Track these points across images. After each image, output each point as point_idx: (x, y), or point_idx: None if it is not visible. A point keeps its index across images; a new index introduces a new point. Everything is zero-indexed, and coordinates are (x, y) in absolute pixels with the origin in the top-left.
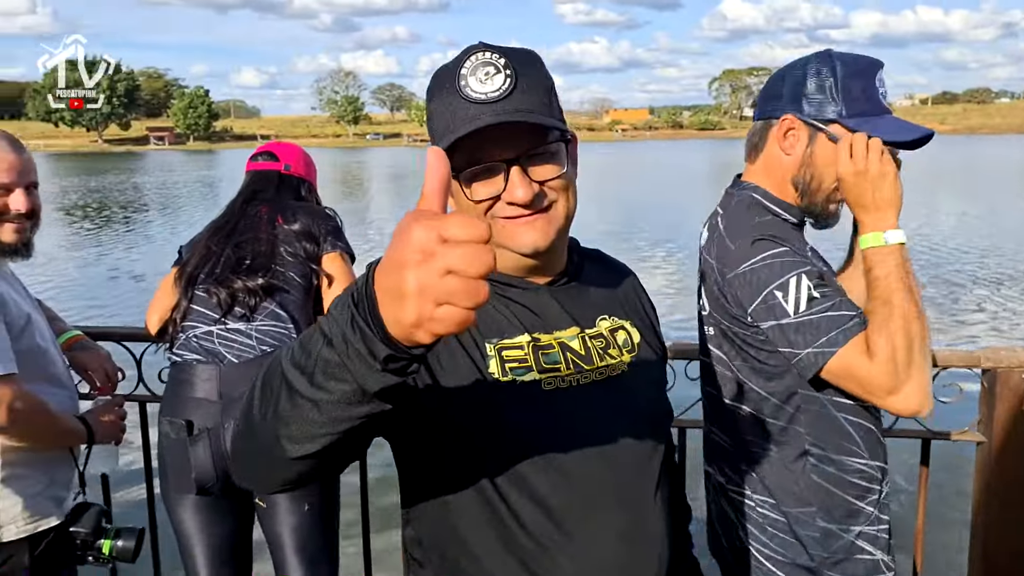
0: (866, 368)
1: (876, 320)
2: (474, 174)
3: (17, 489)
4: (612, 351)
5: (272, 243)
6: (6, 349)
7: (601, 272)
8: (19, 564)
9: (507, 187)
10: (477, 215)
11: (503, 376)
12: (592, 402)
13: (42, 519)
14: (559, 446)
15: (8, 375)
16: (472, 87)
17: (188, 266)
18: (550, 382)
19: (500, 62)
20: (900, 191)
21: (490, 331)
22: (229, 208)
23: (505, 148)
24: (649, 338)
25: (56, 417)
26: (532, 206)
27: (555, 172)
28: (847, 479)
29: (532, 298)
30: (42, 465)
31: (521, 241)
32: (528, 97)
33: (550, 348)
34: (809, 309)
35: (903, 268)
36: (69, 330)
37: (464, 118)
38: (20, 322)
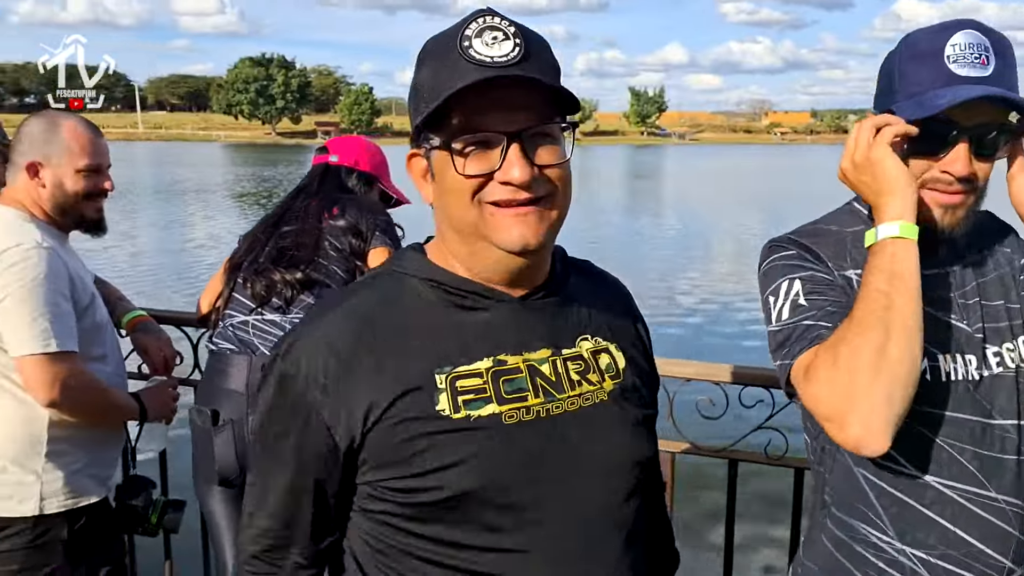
0: (804, 387)
1: (835, 333)
2: (468, 143)
3: (59, 465)
4: (592, 376)
5: (317, 236)
6: (71, 327)
7: (588, 286)
8: (57, 537)
9: (503, 164)
10: (464, 195)
11: (455, 412)
12: (561, 437)
13: (82, 496)
14: (520, 491)
15: (68, 352)
16: (477, 48)
17: (235, 255)
18: (512, 415)
19: (509, 29)
20: (896, 175)
21: (443, 357)
22: (282, 201)
23: (506, 120)
24: (638, 363)
25: (110, 393)
26: (528, 191)
27: (558, 157)
28: (858, 551)
29: (502, 313)
30: (85, 444)
31: (509, 235)
32: (539, 67)
33: (516, 373)
34: (792, 316)
35: (885, 270)
36: (134, 310)
37: (466, 77)
38: (85, 300)
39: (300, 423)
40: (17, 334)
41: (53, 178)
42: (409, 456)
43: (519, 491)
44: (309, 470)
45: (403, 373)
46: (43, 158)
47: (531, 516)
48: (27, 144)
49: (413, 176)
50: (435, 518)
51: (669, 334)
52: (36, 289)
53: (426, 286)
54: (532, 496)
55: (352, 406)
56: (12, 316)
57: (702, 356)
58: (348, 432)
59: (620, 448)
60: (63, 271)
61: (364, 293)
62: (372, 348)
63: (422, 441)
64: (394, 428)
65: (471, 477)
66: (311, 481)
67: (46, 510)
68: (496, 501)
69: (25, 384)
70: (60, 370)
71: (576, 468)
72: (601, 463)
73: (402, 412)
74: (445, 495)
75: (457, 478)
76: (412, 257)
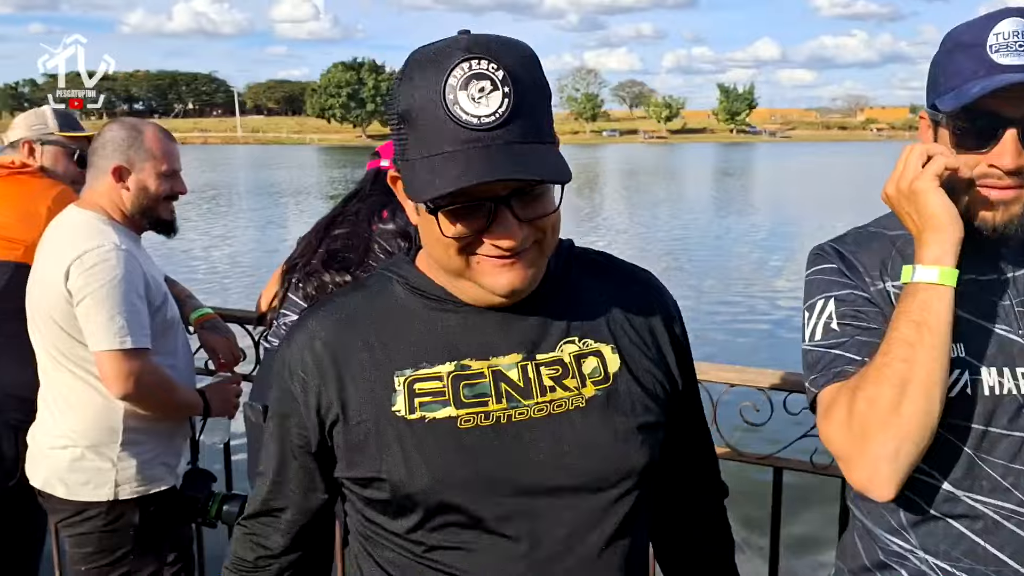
0: (821, 423)
1: (858, 376)
2: (455, 209)
3: (133, 454)
4: (569, 381)
5: (367, 239)
6: (145, 325)
7: (594, 282)
8: (129, 522)
9: (491, 227)
10: (450, 248)
11: (410, 413)
12: (523, 444)
13: (153, 483)
14: (473, 498)
15: (142, 349)
16: (463, 106)
17: (291, 258)
18: (469, 419)
19: (498, 75)
20: (939, 211)
21: (404, 360)
22: (336, 205)
23: (494, 187)
24: (644, 367)
25: (178, 390)
26: (518, 246)
27: (546, 209)
28: (882, 559)
29: (473, 317)
30: (157, 434)
31: (497, 282)
32: (528, 122)
33: (479, 378)
34: (823, 339)
35: (914, 318)
36: (201, 308)
37: (453, 142)
38: (158, 300)
39: (287, 413)
40: (96, 331)
41: (137, 182)
42: (364, 454)
43: (472, 496)
44: (297, 458)
45: (366, 373)
46: (128, 163)
47: (485, 522)
48: (111, 149)
49: (398, 195)
50: (393, 515)
51: (749, 339)
52: (114, 289)
53: (406, 290)
54: (486, 502)
55: (322, 402)
56: (92, 314)
57: (782, 363)
58: (319, 427)
59: (594, 456)
60: (139, 272)
61: (353, 294)
62: (346, 347)
63: (375, 440)
64: (354, 427)
65: (419, 478)
66: (300, 472)
67: (120, 496)
68: (448, 503)
69: (102, 377)
70: (134, 365)
71: (538, 475)
72: (571, 472)
73: (360, 411)
74: (396, 494)
75: (407, 477)
76: (402, 262)
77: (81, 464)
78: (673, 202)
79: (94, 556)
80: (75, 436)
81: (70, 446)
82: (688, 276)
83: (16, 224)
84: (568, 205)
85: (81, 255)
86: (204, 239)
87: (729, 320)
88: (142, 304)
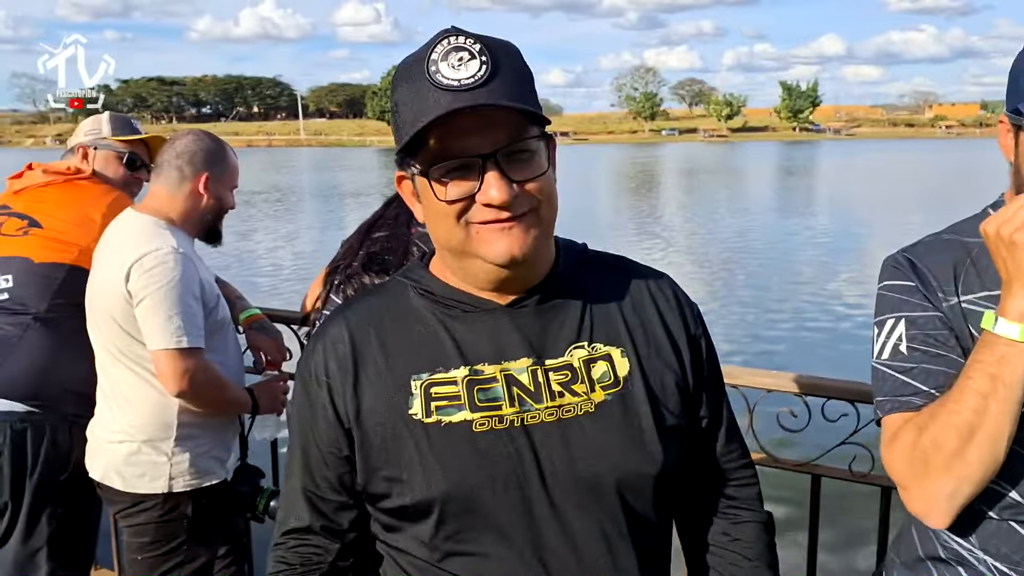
0: (885, 449)
1: (926, 411)
2: (446, 170)
3: (187, 448)
4: (577, 387)
5: (405, 242)
6: (199, 326)
7: (606, 285)
8: (183, 513)
9: (481, 186)
10: (449, 218)
11: (426, 416)
12: (535, 445)
13: (205, 476)
14: (488, 502)
15: (197, 348)
16: (443, 72)
17: (334, 260)
18: (484, 422)
19: (475, 47)
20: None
21: (420, 365)
22: (380, 208)
23: (480, 142)
24: (655, 371)
25: (229, 387)
26: (510, 209)
27: (535, 171)
28: (941, 556)
29: (483, 322)
30: (209, 429)
31: (495, 250)
32: (506, 86)
33: (492, 382)
34: (892, 360)
35: (989, 371)
36: (250, 309)
37: (434, 105)
38: (212, 301)
39: (315, 419)
40: (154, 330)
41: (217, 193)
42: (382, 459)
43: (486, 499)
44: (329, 466)
45: (384, 378)
46: (215, 174)
47: (499, 527)
48: (201, 159)
49: (404, 197)
50: (410, 520)
51: (805, 344)
52: (172, 291)
53: (419, 295)
54: (501, 505)
55: (345, 406)
56: (150, 314)
57: (842, 370)
58: (345, 431)
59: (605, 461)
60: (194, 274)
61: (369, 300)
62: (363, 353)
63: (393, 444)
64: (372, 431)
65: (436, 481)
66: (332, 478)
67: (174, 488)
68: (463, 507)
69: (158, 375)
70: (189, 364)
71: (549, 479)
72: (578, 476)
73: (378, 416)
74: (413, 497)
75: (423, 480)
76: (416, 267)
77: (137, 458)
78: (733, 202)
79: (150, 546)
80: (132, 431)
81: (127, 440)
82: (749, 279)
83: (72, 229)
84: (625, 204)
85: (141, 257)
86: (268, 240)
87: (793, 327)
88: (197, 305)
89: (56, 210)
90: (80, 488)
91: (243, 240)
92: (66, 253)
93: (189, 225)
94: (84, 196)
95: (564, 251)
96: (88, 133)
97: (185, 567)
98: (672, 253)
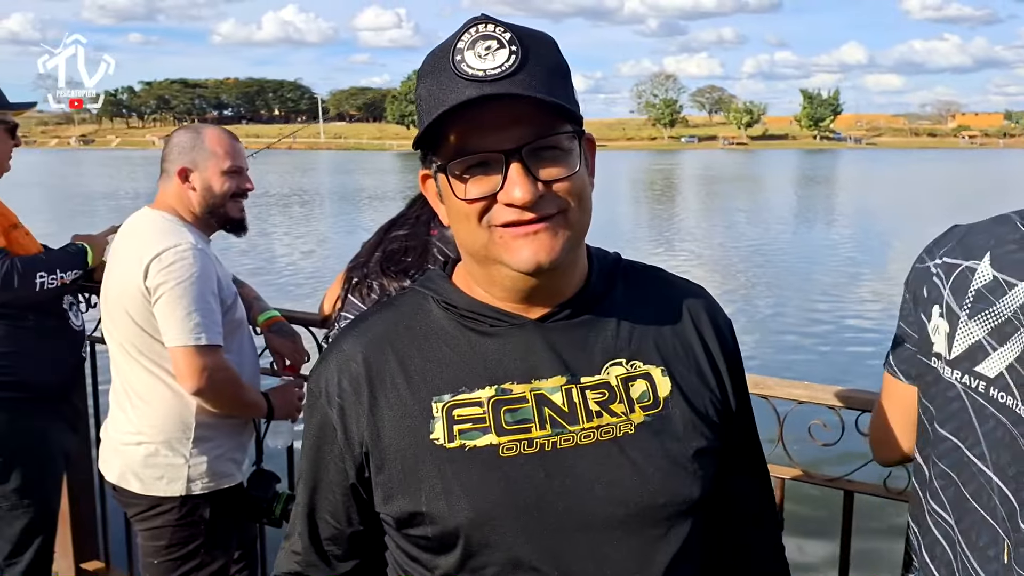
0: None
1: None
2: (466, 166)
3: (204, 450)
4: (616, 407)
5: (424, 243)
6: (218, 323)
7: (643, 299)
8: (201, 516)
9: (504, 185)
10: (470, 219)
11: (449, 441)
12: (567, 473)
13: (223, 479)
14: (516, 532)
15: (216, 346)
16: (468, 62)
17: (353, 258)
18: (512, 447)
19: (504, 36)
20: None
21: (442, 385)
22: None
23: (504, 137)
24: (696, 390)
25: (245, 389)
26: (535, 210)
27: (565, 171)
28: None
29: (512, 337)
30: (227, 431)
31: (519, 256)
32: (536, 78)
33: (521, 402)
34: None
35: None
36: (268, 310)
37: (455, 96)
38: (229, 300)
39: (325, 443)
40: (173, 326)
41: (202, 181)
42: (404, 485)
43: (515, 530)
44: (334, 491)
45: (403, 400)
46: (191, 164)
47: (529, 559)
48: (176, 153)
49: (428, 197)
50: (435, 552)
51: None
52: (191, 287)
53: (440, 308)
54: (530, 535)
55: (360, 430)
56: (169, 310)
57: (868, 382)
58: (357, 456)
59: (646, 487)
60: (213, 271)
61: (385, 313)
62: (380, 372)
63: (415, 470)
64: (392, 456)
65: (460, 511)
66: (335, 503)
67: (192, 491)
68: (490, 538)
69: (176, 372)
70: (207, 361)
71: (585, 506)
72: (621, 503)
73: (398, 440)
74: (436, 528)
75: (447, 510)
76: (436, 277)
77: (155, 460)
78: (755, 211)
79: (167, 549)
80: (150, 432)
81: (144, 442)
82: (771, 289)
83: None
84: (647, 211)
85: (160, 253)
86: (298, 242)
87: (817, 339)
88: (216, 302)
89: None
90: (22, 472)
91: (274, 241)
92: None
93: (198, 221)
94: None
95: (597, 261)
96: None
97: (202, 571)
98: (691, 261)
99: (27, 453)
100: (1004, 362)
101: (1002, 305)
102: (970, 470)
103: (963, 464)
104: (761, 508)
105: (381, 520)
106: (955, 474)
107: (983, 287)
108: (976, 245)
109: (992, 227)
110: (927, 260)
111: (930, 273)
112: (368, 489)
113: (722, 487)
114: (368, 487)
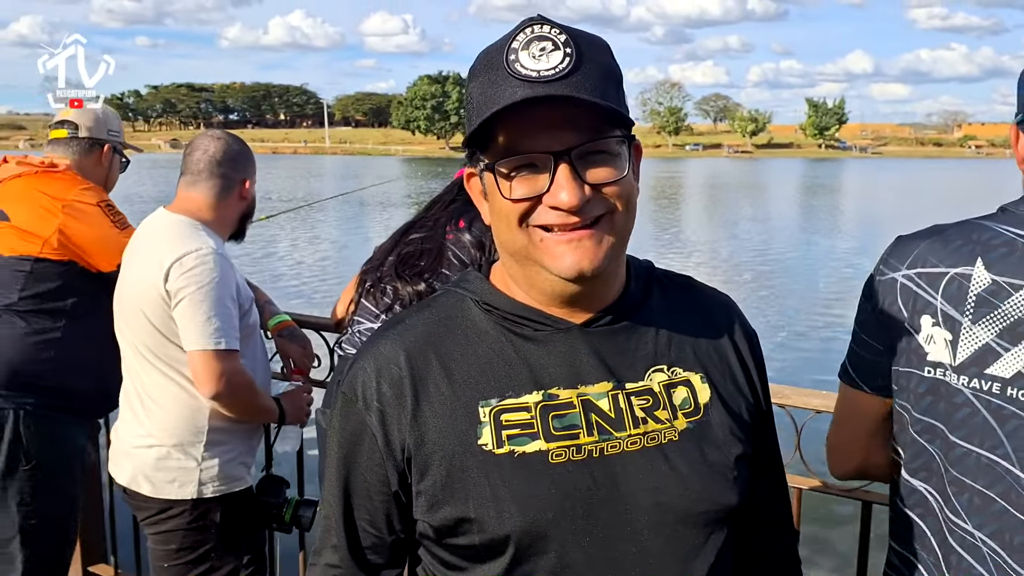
0: None
1: None
2: (514, 166)
3: (216, 453)
4: (660, 413)
5: (440, 246)
6: (236, 328)
7: (678, 307)
8: (212, 520)
9: (551, 187)
10: (511, 220)
11: (498, 447)
12: (616, 480)
13: (234, 482)
14: (565, 539)
15: (234, 351)
16: (522, 62)
17: (367, 262)
18: (560, 453)
19: (560, 38)
20: None
21: (489, 389)
22: (420, 210)
23: (554, 138)
24: (733, 398)
25: (259, 394)
26: (580, 214)
27: (614, 175)
28: None
29: (557, 342)
30: (239, 433)
31: (562, 263)
32: (589, 81)
33: (568, 408)
34: None
35: None
36: (279, 315)
37: (508, 96)
38: (246, 304)
39: (361, 449)
40: (192, 331)
41: (251, 193)
42: (449, 492)
43: (563, 537)
44: (373, 498)
45: (448, 404)
46: (250, 176)
47: (576, 565)
48: (242, 163)
49: (472, 196)
50: (480, 561)
51: None
52: (211, 291)
53: (481, 311)
54: (579, 542)
55: (402, 435)
56: (189, 314)
57: None
58: (399, 462)
59: (689, 494)
60: (232, 276)
61: (424, 314)
62: (422, 376)
63: (461, 476)
64: (437, 462)
65: (509, 517)
66: (374, 510)
67: (204, 494)
68: (538, 545)
69: (194, 376)
70: (225, 366)
71: (631, 513)
72: (667, 510)
73: (444, 445)
74: (484, 536)
75: (496, 517)
76: (474, 278)
77: (167, 463)
78: (760, 221)
79: (177, 553)
80: (162, 435)
81: (156, 445)
82: (776, 297)
83: (35, 221)
84: (651, 219)
85: (181, 257)
86: (312, 247)
87: (828, 347)
88: (234, 307)
89: (21, 201)
90: (47, 478)
91: (289, 246)
92: (32, 245)
93: (223, 227)
94: (48, 187)
95: (633, 268)
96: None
97: (213, 575)
98: (697, 268)
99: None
100: (1021, 361)
101: (1009, 307)
102: (995, 472)
103: (982, 468)
104: (779, 516)
105: (417, 529)
106: (971, 480)
107: (983, 291)
108: (958, 252)
109: (966, 232)
110: (888, 272)
111: (898, 284)
112: (409, 496)
113: (751, 493)
114: (409, 493)
